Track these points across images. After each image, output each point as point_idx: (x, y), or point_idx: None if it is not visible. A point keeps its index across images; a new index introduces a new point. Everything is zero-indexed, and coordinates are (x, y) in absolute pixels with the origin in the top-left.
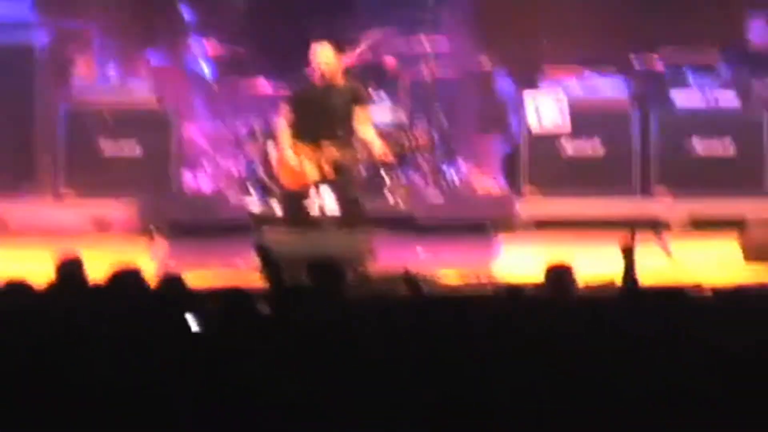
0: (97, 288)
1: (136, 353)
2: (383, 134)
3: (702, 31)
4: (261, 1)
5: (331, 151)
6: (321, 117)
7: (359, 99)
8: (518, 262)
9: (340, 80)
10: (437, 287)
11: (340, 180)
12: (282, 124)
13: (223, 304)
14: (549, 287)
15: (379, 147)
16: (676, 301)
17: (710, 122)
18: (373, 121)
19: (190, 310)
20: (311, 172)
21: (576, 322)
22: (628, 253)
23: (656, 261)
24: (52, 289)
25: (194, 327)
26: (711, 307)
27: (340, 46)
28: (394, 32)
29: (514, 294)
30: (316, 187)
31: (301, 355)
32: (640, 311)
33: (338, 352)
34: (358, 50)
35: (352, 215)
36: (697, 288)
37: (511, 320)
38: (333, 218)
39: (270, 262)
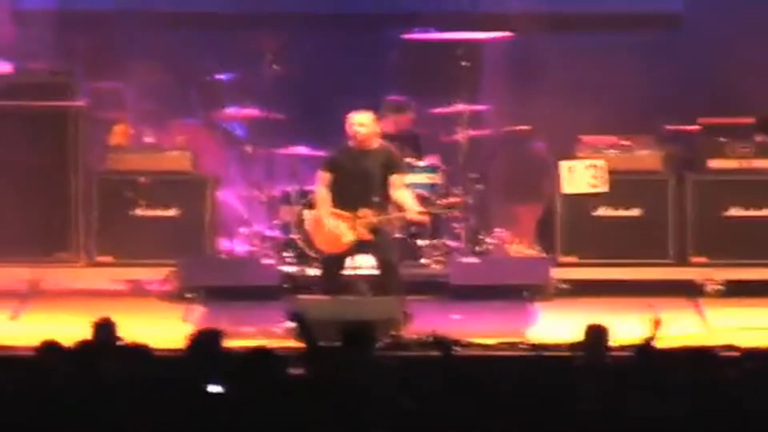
0: (129, 349)
1: (165, 412)
2: (419, 198)
3: (738, 100)
4: (297, 67)
5: (367, 216)
6: (357, 182)
7: (394, 164)
8: (553, 328)
9: (375, 145)
10: (470, 350)
11: (376, 244)
12: (319, 189)
13: (253, 365)
14: (585, 345)
15: (413, 211)
16: (704, 360)
17: (746, 190)
18: (408, 185)
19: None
20: (348, 237)
21: (606, 381)
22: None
23: (691, 327)
24: (85, 350)
25: (219, 388)
26: (740, 367)
27: (376, 112)
28: (431, 99)
29: (540, 354)
30: (353, 251)
31: (330, 415)
32: (669, 371)
33: (362, 412)
34: (395, 117)
35: (388, 279)
36: (728, 348)
37: (537, 379)
38: (368, 282)
39: (304, 327)
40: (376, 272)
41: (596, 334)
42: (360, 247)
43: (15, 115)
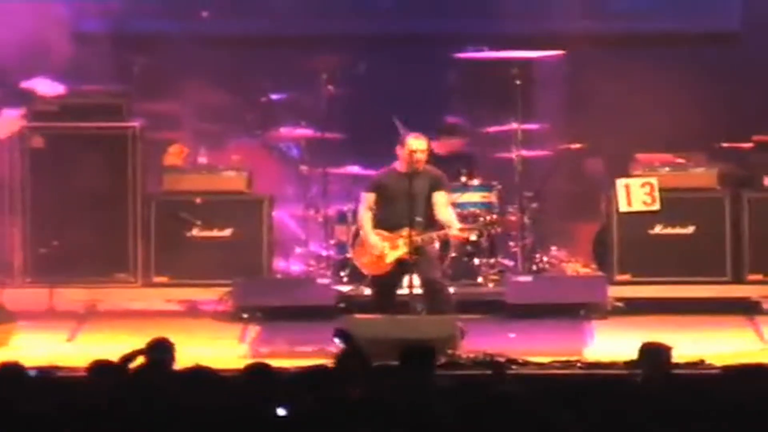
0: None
1: None
2: (472, 217)
3: None
4: (351, 87)
5: (410, 235)
6: (402, 202)
7: (438, 184)
8: (609, 346)
9: (421, 167)
10: (525, 368)
11: (421, 263)
12: (363, 211)
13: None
14: (643, 365)
15: (455, 229)
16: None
17: None
18: (462, 203)
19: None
20: (390, 257)
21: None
22: None
23: (748, 345)
24: (141, 371)
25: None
26: None
27: (429, 134)
28: (485, 118)
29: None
30: (397, 271)
31: None
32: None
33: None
34: (448, 140)
35: (436, 297)
36: None
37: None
38: (418, 301)
39: (353, 346)
40: (423, 291)
41: (655, 353)
42: (404, 267)
43: (71, 137)
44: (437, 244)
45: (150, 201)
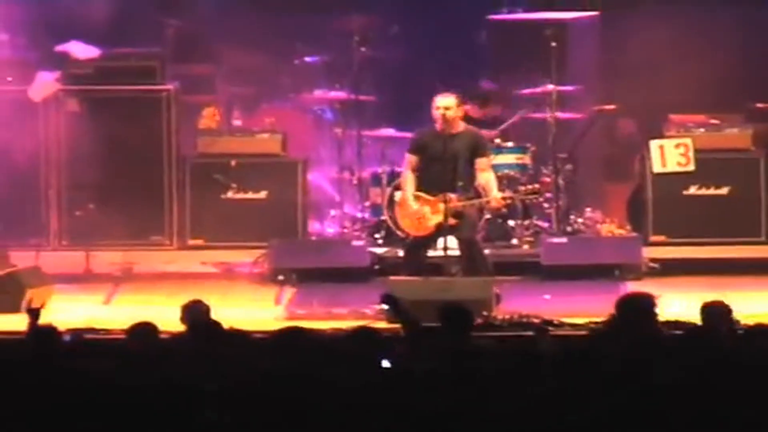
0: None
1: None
2: (507, 179)
3: None
4: (384, 49)
5: (452, 200)
6: (443, 165)
7: (480, 147)
8: None
9: (461, 128)
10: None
11: (460, 227)
12: (405, 171)
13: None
14: (705, 323)
15: (497, 199)
16: None
17: None
18: (497, 165)
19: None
20: (432, 220)
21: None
22: None
23: None
24: (180, 334)
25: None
26: None
27: (461, 96)
28: (520, 80)
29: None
30: (438, 233)
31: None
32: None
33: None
34: (481, 104)
35: (473, 260)
36: None
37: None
38: (457, 262)
39: (399, 308)
40: (461, 254)
41: (718, 311)
42: (444, 230)
43: (106, 99)
44: (478, 210)
45: (185, 164)
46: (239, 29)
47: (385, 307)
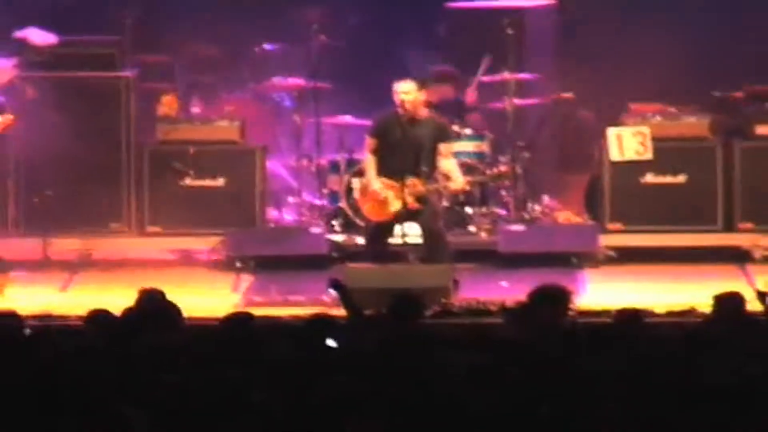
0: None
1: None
2: (466, 166)
3: None
4: (342, 37)
5: (415, 185)
6: (406, 151)
7: (443, 134)
8: (602, 295)
9: (423, 114)
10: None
11: (424, 213)
12: (368, 157)
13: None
14: (720, 315)
15: (460, 182)
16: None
17: None
18: (455, 153)
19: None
20: (395, 205)
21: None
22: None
23: None
24: (133, 319)
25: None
26: None
27: (422, 83)
28: (477, 68)
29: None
30: (400, 219)
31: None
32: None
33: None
34: (438, 87)
35: (435, 247)
36: None
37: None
38: (417, 250)
39: (345, 295)
40: (422, 240)
41: (731, 300)
42: (406, 215)
43: (64, 86)
44: (441, 196)
45: (143, 151)
46: (197, 18)
47: (333, 292)
